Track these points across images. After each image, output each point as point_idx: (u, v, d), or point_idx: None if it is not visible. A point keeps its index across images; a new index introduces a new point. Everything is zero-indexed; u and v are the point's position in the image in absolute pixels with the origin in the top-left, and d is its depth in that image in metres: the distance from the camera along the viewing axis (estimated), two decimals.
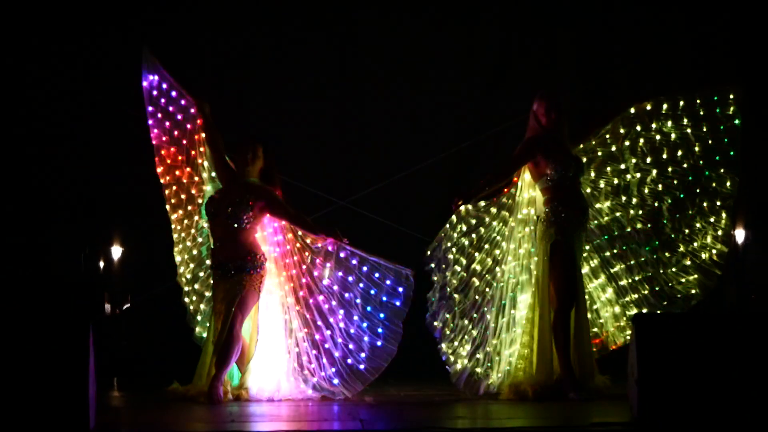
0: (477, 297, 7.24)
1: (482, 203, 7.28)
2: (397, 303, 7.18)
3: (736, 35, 9.26)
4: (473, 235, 7.25)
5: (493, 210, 7.30)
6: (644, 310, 7.34)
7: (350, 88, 9.69)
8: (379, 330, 7.19)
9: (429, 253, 7.19)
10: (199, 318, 7.54)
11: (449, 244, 7.21)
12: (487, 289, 7.26)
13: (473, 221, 7.26)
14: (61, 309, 8.96)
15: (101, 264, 9.36)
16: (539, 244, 7.20)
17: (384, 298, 7.20)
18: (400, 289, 7.17)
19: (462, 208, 7.22)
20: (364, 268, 7.22)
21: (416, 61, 9.67)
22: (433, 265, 7.17)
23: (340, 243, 7.23)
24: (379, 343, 7.19)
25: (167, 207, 7.52)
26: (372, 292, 7.21)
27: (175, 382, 7.33)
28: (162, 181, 7.51)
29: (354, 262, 7.23)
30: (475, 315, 7.23)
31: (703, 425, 5.46)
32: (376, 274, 7.21)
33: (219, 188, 7.39)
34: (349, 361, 7.22)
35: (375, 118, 9.63)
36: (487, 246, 7.29)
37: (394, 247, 9.24)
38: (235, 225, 7.18)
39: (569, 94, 8.95)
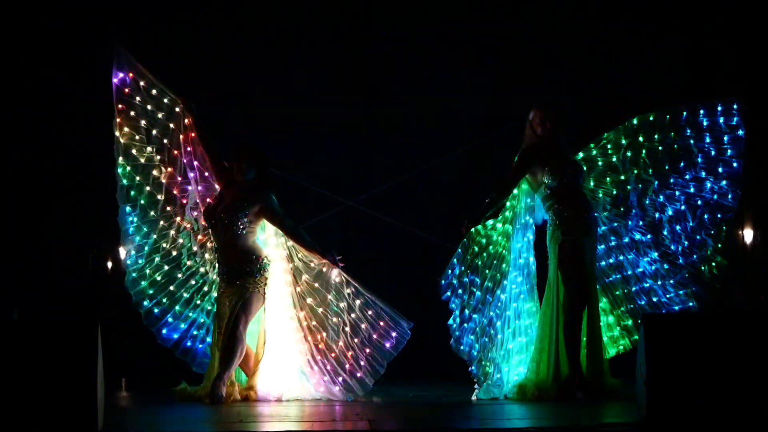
0: (492, 313, 7.22)
1: (490, 222, 7.26)
2: (387, 345, 7.15)
3: (741, 47, 9.22)
4: (484, 254, 7.23)
5: (499, 226, 7.29)
6: (639, 321, 7.25)
7: (356, 88, 9.67)
8: (361, 362, 7.17)
9: (443, 281, 7.13)
10: (170, 320, 7.41)
11: (463, 268, 7.16)
12: (499, 304, 7.24)
13: (483, 241, 7.24)
14: (68, 310, 8.98)
15: (109, 264, 9.35)
16: (550, 248, 7.21)
17: (374, 336, 7.16)
18: (393, 334, 7.14)
19: (472, 230, 7.21)
20: (358, 302, 7.18)
21: (422, 61, 9.65)
22: (449, 293, 7.14)
23: (335, 265, 7.18)
24: (358, 375, 7.18)
25: (128, 207, 7.30)
26: (362, 325, 7.17)
27: (183, 382, 7.33)
28: (125, 181, 7.30)
29: (348, 291, 7.18)
30: (492, 332, 7.20)
31: (712, 425, 5.45)
32: (369, 312, 7.17)
33: (215, 193, 7.33)
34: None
35: (382, 117, 9.60)
36: (495, 262, 7.26)
37: (400, 248, 9.27)
38: (232, 231, 7.16)
39: (570, 101, 8.92)
